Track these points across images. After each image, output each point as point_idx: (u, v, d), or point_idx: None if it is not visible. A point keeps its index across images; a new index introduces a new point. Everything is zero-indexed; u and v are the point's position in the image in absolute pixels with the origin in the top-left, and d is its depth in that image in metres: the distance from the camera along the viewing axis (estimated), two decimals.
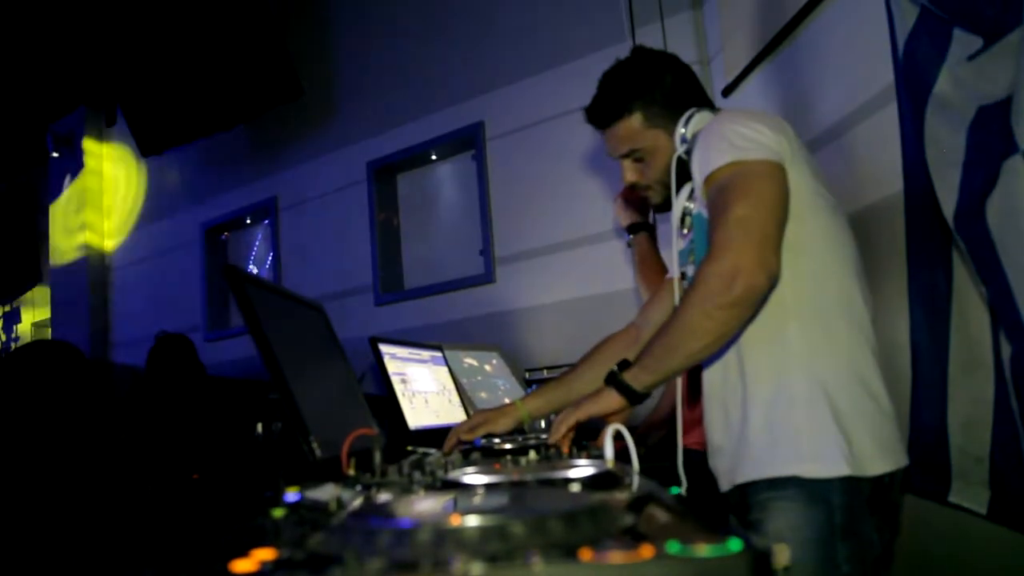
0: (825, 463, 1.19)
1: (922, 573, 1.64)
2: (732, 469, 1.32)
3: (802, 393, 1.23)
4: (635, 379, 1.23)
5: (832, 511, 1.18)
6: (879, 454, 1.22)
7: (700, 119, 1.38)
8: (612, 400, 1.25)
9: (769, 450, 1.24)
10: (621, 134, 1.47)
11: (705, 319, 1.15)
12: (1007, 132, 1.17)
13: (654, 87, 1.44)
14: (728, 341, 1.26)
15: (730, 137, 1.25)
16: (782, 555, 1.18)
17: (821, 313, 1.27)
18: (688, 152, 1.37)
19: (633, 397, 1.24)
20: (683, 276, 1.46)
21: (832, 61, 2.03)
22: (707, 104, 1.46)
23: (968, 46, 1.29)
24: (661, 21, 3.06)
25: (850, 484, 1.18)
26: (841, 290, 1.29)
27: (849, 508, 1.18)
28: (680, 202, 1.42)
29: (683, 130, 1.39)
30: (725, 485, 1.35)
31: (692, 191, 1.40)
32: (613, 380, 1.25)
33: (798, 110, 2.19)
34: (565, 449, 1.29)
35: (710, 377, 1.38)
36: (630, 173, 1.50)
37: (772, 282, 1.15)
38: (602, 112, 1.49)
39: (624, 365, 1.26)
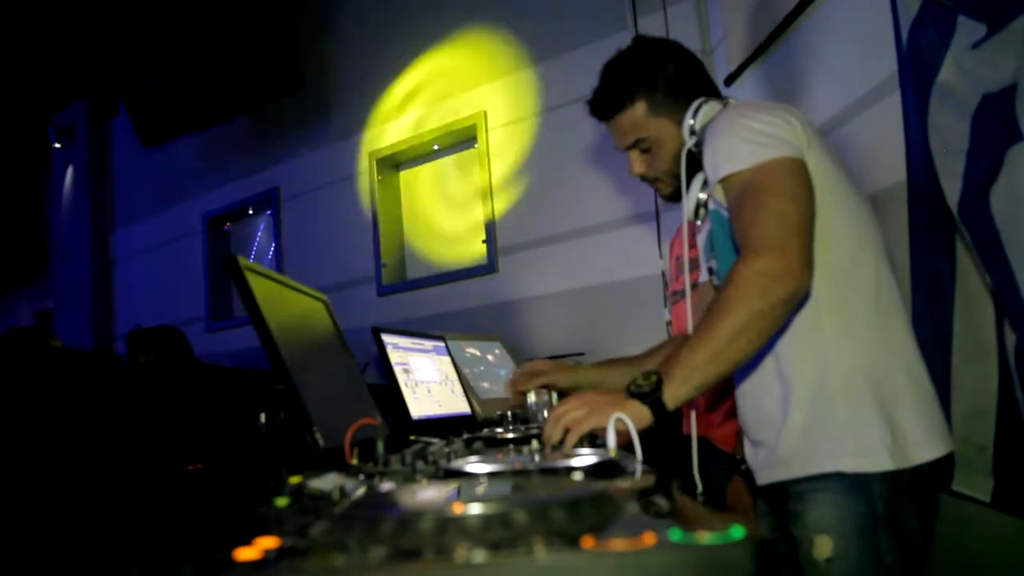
0: (868, 456, 1.15)
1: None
2: (770, 464, 1.28)
3: (842, 386, 1.20)
4: (673, 396, 1.10)
5: (874, 501, 1.15)
6: (924, 440, 1.18)
7: (709, 110, 1.34)
8: (641, 415, 1.10)
9: (811, 447, 1.20)
10: (625, 125, 1.44)
11: (758, 319, 1.08)
12: (1012, 120, 1.17)
13: (656, 75, 1.41)
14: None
15: (746, 134, 1.21)
16: (823, 547, 1.18)
17: (854, 301, 1.23)
18: (698, 144, 1.34)
19: (663, 416, 1.10)
20: (710, 271, 1.43)
21: (835, 49, 2.02)
22: (714, 93, 1.42)
23: (973, 33, 1.28)
24: (664, 9, 3.04)
25: (892, 475, 1.15)
26: (873, 276, 1.25)
27: (891, 498, 1.15)
28: (694, 193, 1.38)
29: (691, 121, 1.35)
30: (763, 479, 1.31)
31: (705, 182, 1.35)
32: (644, 396, 1.10)
33: (801, 99, 2.18)
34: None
35: (741, 375, 1.33)
36: (638, 165, 1.47)
37: (811, 279, 1.12)
38: (605, 103, 1.46)
39: (649, 377, 1.12)
